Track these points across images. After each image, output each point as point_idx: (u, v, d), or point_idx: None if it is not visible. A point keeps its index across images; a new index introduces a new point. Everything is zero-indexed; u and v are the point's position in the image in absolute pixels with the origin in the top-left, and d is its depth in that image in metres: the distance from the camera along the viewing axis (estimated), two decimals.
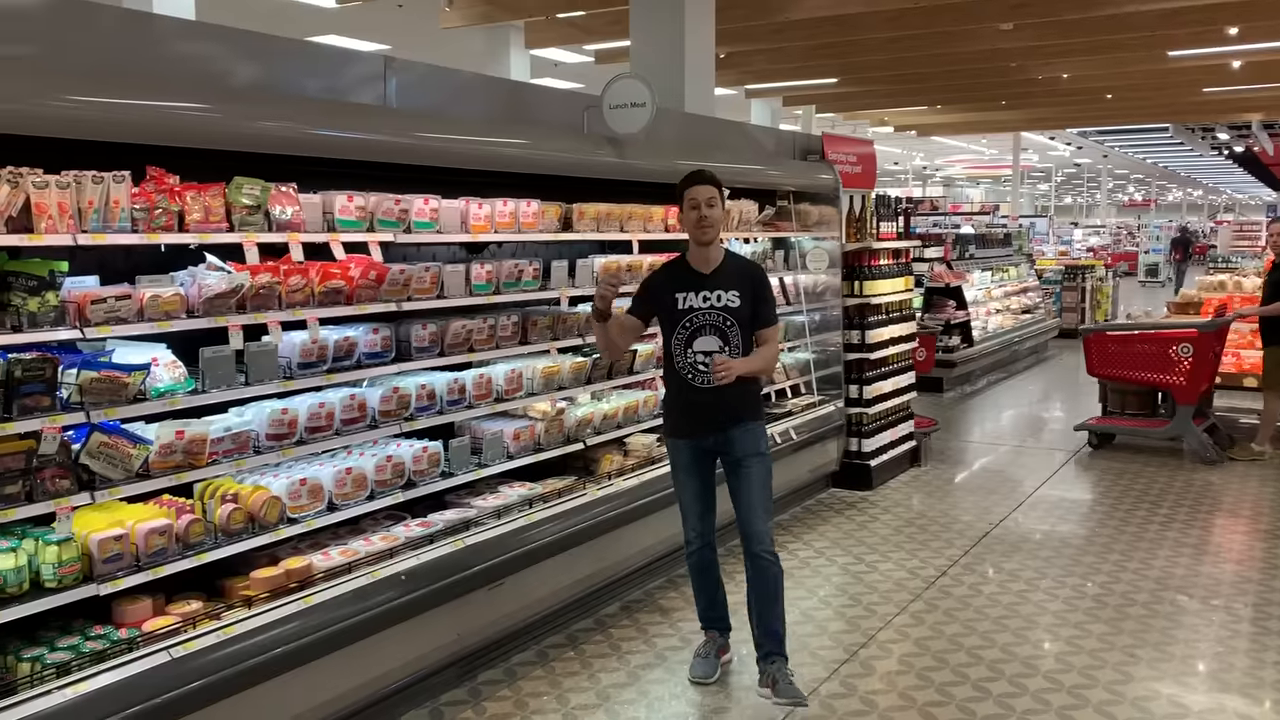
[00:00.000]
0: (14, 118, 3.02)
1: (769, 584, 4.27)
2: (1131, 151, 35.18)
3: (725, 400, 4.26)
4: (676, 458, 4.45)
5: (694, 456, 4.39)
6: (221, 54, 3.93)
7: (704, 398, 4.27)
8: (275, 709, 3.57)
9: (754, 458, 4.32)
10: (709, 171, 4.32)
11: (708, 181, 4.27)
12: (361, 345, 4.20)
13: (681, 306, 4.26)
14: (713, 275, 4.30)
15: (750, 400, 4.40)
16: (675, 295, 4.28)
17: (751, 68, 14.79)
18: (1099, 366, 9.05)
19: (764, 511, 4.30)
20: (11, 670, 3.18)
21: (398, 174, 4.45)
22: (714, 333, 4.25)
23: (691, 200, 4.23)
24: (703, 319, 4.25)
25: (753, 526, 4.27)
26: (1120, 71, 15.48)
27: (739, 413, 4.32)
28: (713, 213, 4.23)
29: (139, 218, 3.40)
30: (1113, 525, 6.76)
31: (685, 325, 4.26)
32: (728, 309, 4.25)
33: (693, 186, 4.26)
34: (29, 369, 3.12)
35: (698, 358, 4.25)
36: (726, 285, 4.27)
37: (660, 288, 4.36)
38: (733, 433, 4.31)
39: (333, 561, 4.01)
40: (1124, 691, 4.38)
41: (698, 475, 4.41)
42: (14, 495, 3.12)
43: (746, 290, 4.28)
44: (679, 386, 4.35)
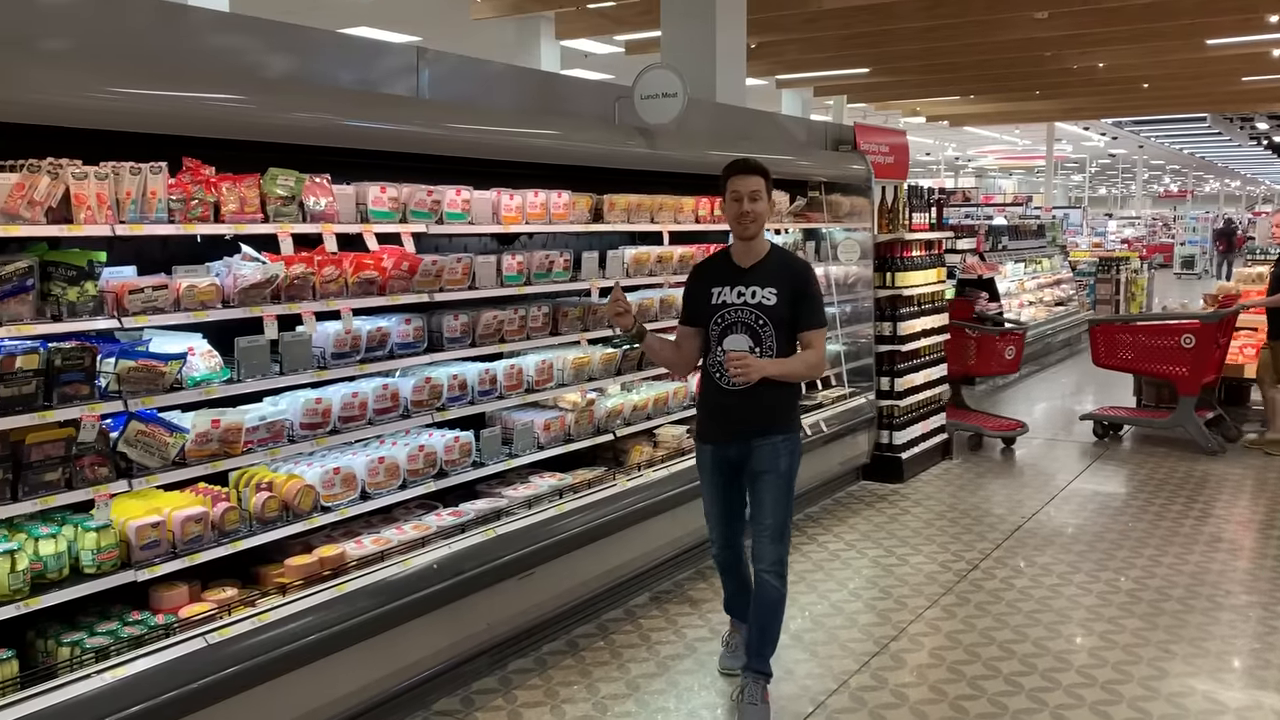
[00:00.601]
0: (54, 110, 3.06)
1: (764, 604, 4.07)
2: (1168, 142, 34.72)
3: (751, 406, 4.01)
4: (701, 461, 4.26)
5: (716, 463, 4.16)
6: (256, 46, 3.96)
7: (729, 400, 4.03)
8: (310, 695, 3.61)
9: (770, 474, 4.02)
10: (756, 160, 4.03)
11: (754, 171, 3.98)
12: (394, 335, 4.22)
13: (715, 301, 4.02)
14: (751, 270, 4.03)
15: (779, 410, 4.09)
16: (711, 289, 4.05)
17: (783, 58, 14.73)
18: (1104, 357, 9.07)
19: (774, 533, 4.03)
20: (52, 654, 3.23)
21: (429, 165, 4.46)
22: (745, 331, 3.98)
23: (735, 192, 3.97)
24: (734, 315, 3.99)
25: (758, 547, 4.06)
26: (1157, 60, 15.29)
27: (764, 422, 4.04)
28: (756, 207, 3.95)
29: (175, 208, 3.44)
30: (1147, 519, 6.69)
31: (717, 321, 4.02)
32: (761, 306, 3.96)
33: (737, 176, 3.98)
34: (68, 358, 3.16)
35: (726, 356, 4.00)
36: (764, 282, 3.99)
37: (698, 281, 4.15)
38: (754, 444, 4.04)
39: (366, 550, 4.04)
40: (1159, 687, 4.33)
41: (719, 484, 4.19)
42: (54, 482, 3.16)
43: (785, 288, 3.97)
44: (707, 386, 4.15)
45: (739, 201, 3.96)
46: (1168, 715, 4.10)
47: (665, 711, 4.15)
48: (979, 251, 13.35)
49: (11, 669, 3.05)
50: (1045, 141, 30.10)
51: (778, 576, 4.04)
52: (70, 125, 3.13)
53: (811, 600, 5.29)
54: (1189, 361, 8.52)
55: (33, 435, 3.10)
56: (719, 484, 4.20)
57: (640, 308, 5.49)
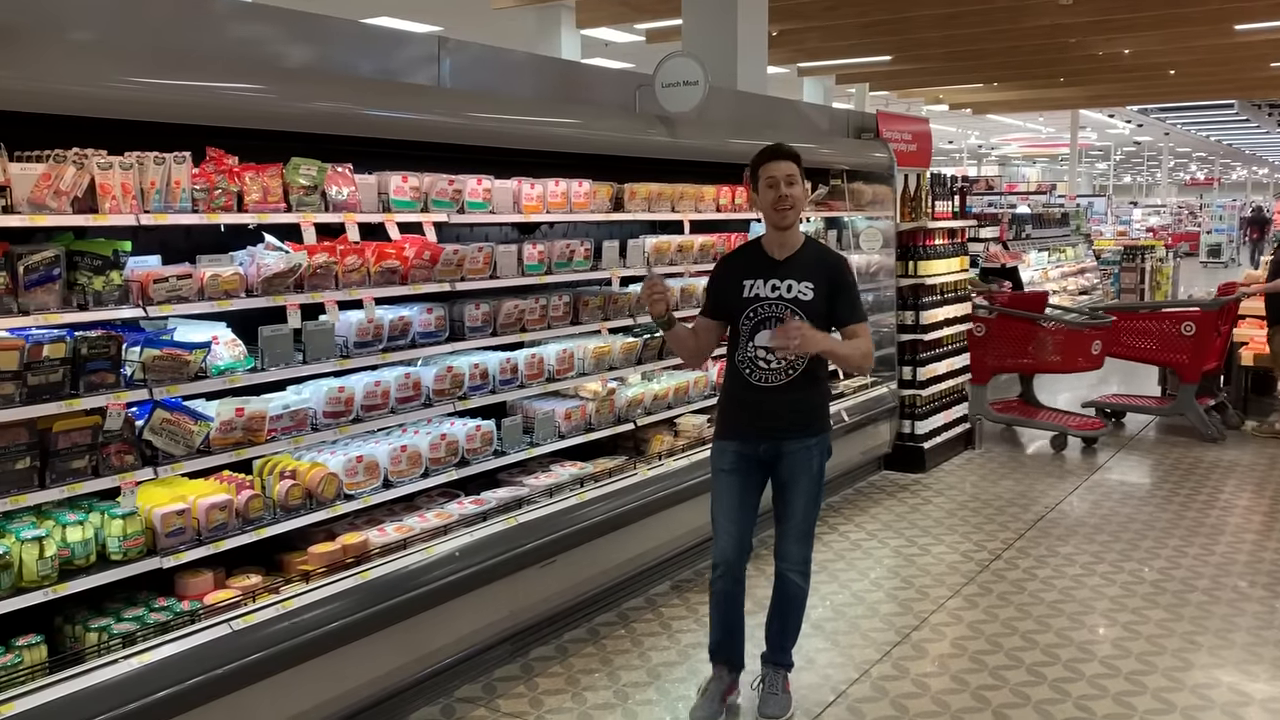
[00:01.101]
0: (79, 100, 3.08)
1: (787, 599, 3.98)
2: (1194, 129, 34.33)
3: (785, 404, 3.83)
4: (719, 461, 3.97)
5: (738, 463, 3.92)
6: (278, 36, 3.97)
7: (761, 398, 3.84)
8: (333, 681, 3.63)
9: (804, 478, 3.88)
10: (789, 146, 3.85)
11: (788, 156, 3.80)
12: (416, 325, 4.24)
13: (747, 294, 3.83)
14: (786, 263, 3.84)
15: (815, 409, 3.94)
16: (742, 282, 3.85)
17: (804, 45, 14.65)
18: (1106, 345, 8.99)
19: (803, 534, 3.94)
20: (80, 639, 3.26)
21: (450, 154, 4.47)
22: (779, 326, 3.77)
23: (770, 178, 3.78)
24: (768, 310, 3.79)
25: (785, 545, 3.95)
26: (1184, 46, 15.11)
27: (798, 422, 3.86)
28: (793, 192, 3.77)
29: (199, 198, 3.46)
30: (1172, 509, 6.64)
31: (749, 316, 3.82)
32: (798, 302, 3.77)
33: (771, 162, 3.79)
34: (94, 346, 3.19)
35: (758, 352, 3.82)
36: (800, 275, 3.80)
37: (728, 273, 3.96)
38: (787, 446, 3.86)
39: (388, 537, 4.07)
40: (1184, 678, 4.31)
41: (738, 486, 3.92)
42: (81, 469, 3.19)
43: (822, 283, 3.80)
44: (735, 383, 3.92)
45: (774, 188, 3.77)
46: (1192, 706, 4.07)
47: (686, 700, 4.16)
48: (1002, 240, 13.25)
49: (40, 654, 3.09)
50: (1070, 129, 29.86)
51: (803, 575, 3.96)
52: (95, 115, 3.15)
53: (833, 590, 5.29)
54: (1189, 349, 8.54)
55: (60, 423, 3.13)
56: (739, 485, 3.94)
57: None
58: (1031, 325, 8.46)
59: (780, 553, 3.97)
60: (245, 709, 3.35)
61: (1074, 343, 8.38)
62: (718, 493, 3.97)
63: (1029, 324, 8.46)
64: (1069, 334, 8.44)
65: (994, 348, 8.49)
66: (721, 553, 3.93)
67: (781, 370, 3.81)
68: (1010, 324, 8.48)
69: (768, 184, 3.79)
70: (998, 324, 8.48)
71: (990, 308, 8.62)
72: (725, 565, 3.93)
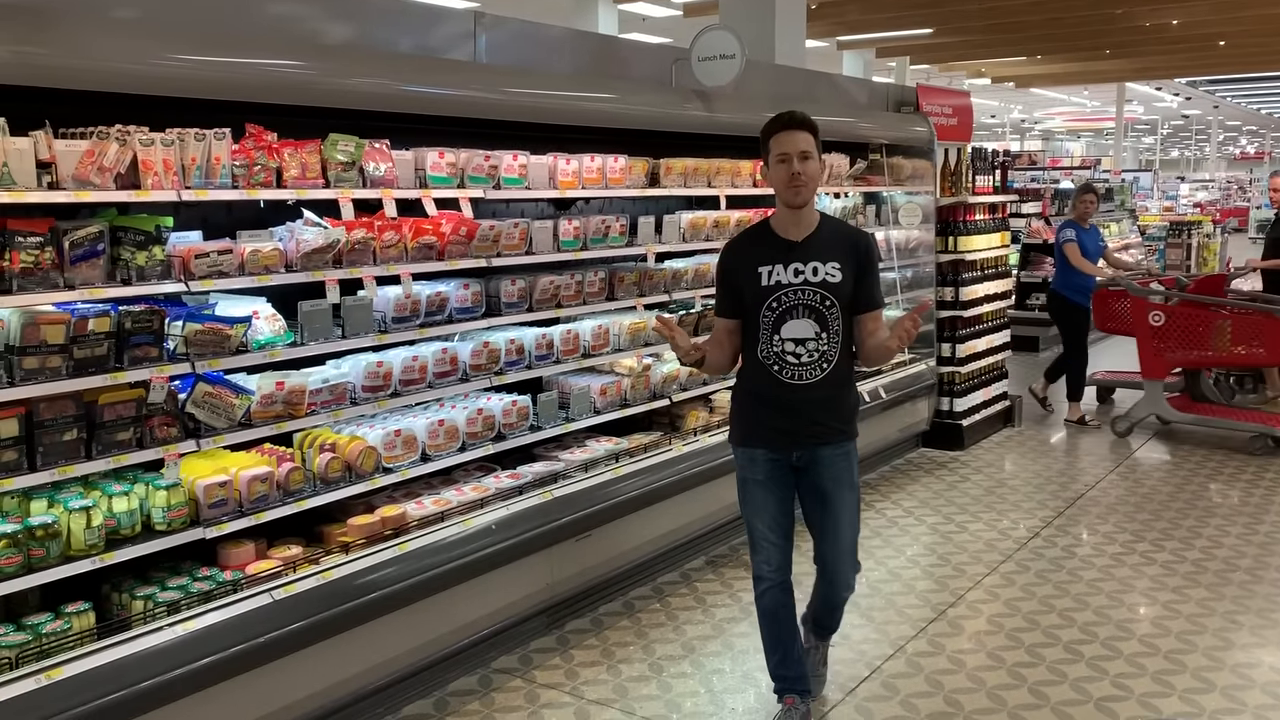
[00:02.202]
0: (123, 77, 3.12)
1: (833, 604, 3.79)
2: (1245, 102, 33.58)
3: (822, 405, 3.47)
4: (750, 471, 3.58)
5: (773, 472, 3.55)
6: (316, 13, 3.99)
7: (793, 397, 3.45)
8: (372, 651, 3.69)
9: (846, 489, 3.54)
10: (802, 114, 3.41)
11: (801, 126, 3.37)
12: (453, 300, 4.27)
13: (766, 282, 3.42)
14: (805, 244, 3.44)
15: (848, 410, 3.59)
16: (758, 269, 3.44)
17: (844, 19, 14.49)
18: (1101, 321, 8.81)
19: (851, 551, 3.62)
20: (126, 607, 3.34)
21: (486, 129, 4.48)
22: (808, 315, 3.40)
23: (780, 152, 3.37)
24: (794, 298, 3.40)
25: (838, 572, 3.63)
26: (1234, 16, 14.77)
27: (833, 425, 3.51)
28: (808, 167, 3.36)
29: (239, 174, 3.50)
30: (1215, 489, 6.55)
31: (772, 306, 3.41)
32: (826, 285, 3.40)
33: (782, 133, 3.37)
34: (138, 321, 3.24)
35: (785, 346, 3.42)
36: (824, 255, 3.42)
37: (740, 261, 3.52)
38: (822, 452, 3.51)
39: (426, 510, 4.11)
40: (1224, 658, 4.26)
41: (776, 497, 3.56)
42: (126, 441, 3.26)
43: (849, 262, 3.43)
44: (760, 381, 3.51)
45: (786, 163, 3.37)
46: (1232, 686, 4.03)
47: (720, 673, 4.18)
48: (1044, 216, 13.08)
49: (89, 620, 3.17)
50: (1115, 103, 29.28)
51: (849, 589, 3.72)
52: (138, 92, 3.19)
53: (870, 567, 5.28)
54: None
55: (105, 396, 3.20)
56: (776, 495, 3.56)
57: (696, 273, 5.47)
58: (1204, 311, 7.57)
59: (828, 575, 3.67)
60: (287, 676, 3.41)
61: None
62: (754, 504, 3.60)
63: (1201, 309, 7.59)
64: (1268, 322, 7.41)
65: (1175, 339, 7.61)
66: (766, 564, 3.59)
67: (815, 364, 3.44)
68: (1194, 312, 7.59)
69: (778, 158, 3.39)
70: (1179, 312, 7.60)
71: (1169, 292, 7.86)
72: (772, 577, 3.60)
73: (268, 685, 3.37)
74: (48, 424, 3.08)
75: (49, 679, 2.88)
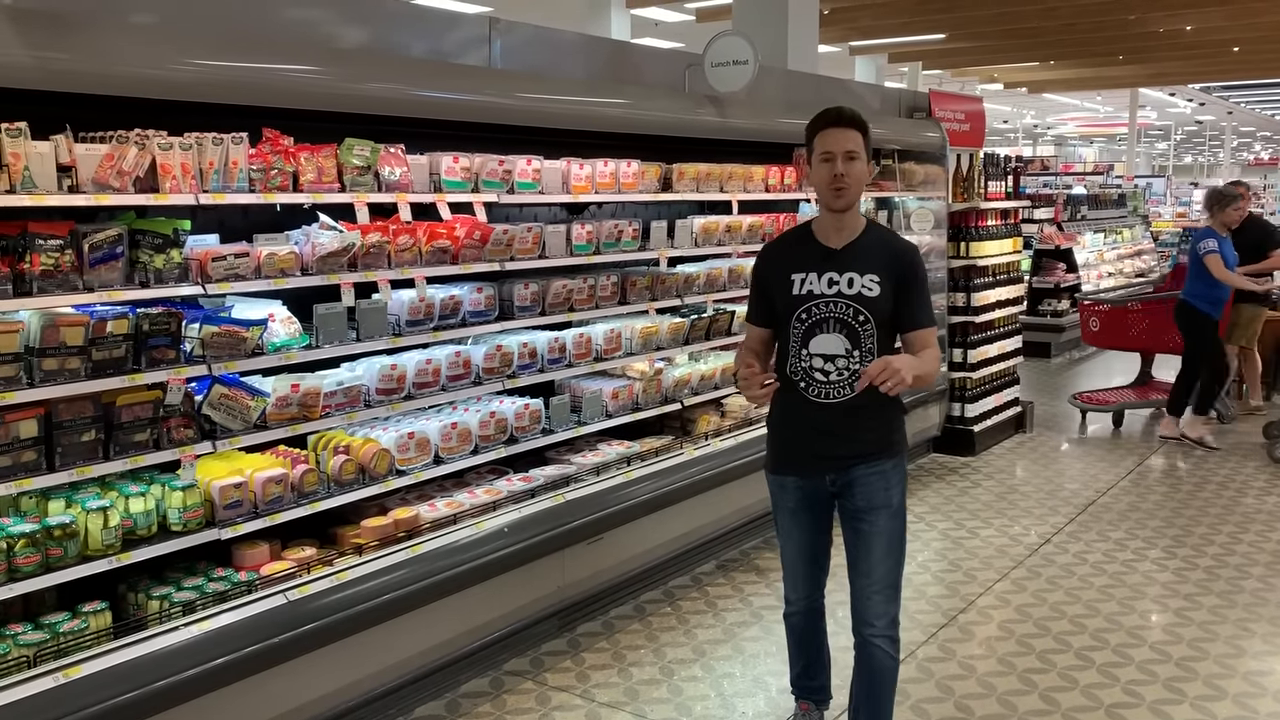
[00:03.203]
0: (143, 82, 3.15)
1: (878, 678, 3.24)
2: (1259, 108, 33.45)
3: (855, 424, 3.18)
4: (780, 499, 3.37)
5: (804, 500, 3.30)
6: (331, 18, 4.03)
7: (825, 418, 3.17)
8: (385, 652, 3.71)
9: (881, 511, 3.19)
10: (852, 110, 3.15)
11: (849, 124, 3.11)
12: (466, 304, 4.29)
13: (798, 291, 3.16)
14: (845, 251, 3.16)
15: (891, 427, 3.27)
16: (792, 275, 3.17)
17: (856, 24, 14.49)
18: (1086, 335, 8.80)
19: (887, 587, 3.20)
20: (142, 607, 3.37)
21: (500, 134, 4.50)
22: (839, 329, 3.12)
23: (825, 151, 3.10)
24: (824, 310, 3.13)
25: (869, 605, 3.21)
26: (1249, 22, 14.72)
27: (873, 444, 3.20)
28: (853, 168, 3.09)
29: (256, 178, 3.53)
30: (1227, 497, 6.54)
31: (801, 317, 3.15)
32: (861, 299, 3.11)
33: (828, 130, 3.11)
34: (155, 323, 3.27)
35: (814, 362, 3.15)
36: (862, 266, 3.13)
37: (773, 265, 3.27)
38: (857, 472, 3.19)
39: (439, 513, 4.14)
40: (1235, 665, 4.25)
41: (808, 526, 3.33)
42: (143, 443, 3.29)
43: (890, 276, 3.13)
44: (789, 399, 3.24)
45: (830, 162, 3.09)
46: (1244, 694, 4.02)
47: (731, 677, 4.19)
48: (1057, 221, 13.06)
49: (105, 620, 3.20)
50: (1128, 108, 29.19)
51: (892, 642, 3.22)
52: (157, 97, 3.22)
53: None
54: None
55: (123, 397, 3.23)
56: (808, 527, 3.34)
57: (708, 278, 5.49)
58: None
59: (861, 613, 3.23)
60: (301, 677, 3.44)
61: None
62: (785, 533, 3.41)
63: None
64: None
65: None
66: (793, 590, 3.46)
67: (846, 381, 3.14)
68: None
69: (822, 156, 3.11)
70: None
71: None
72: (798, 603, 3.46)
73: (281, 686, 3.39)
74: (66, 425, 3.12)
75: (66, 677, 2.91)
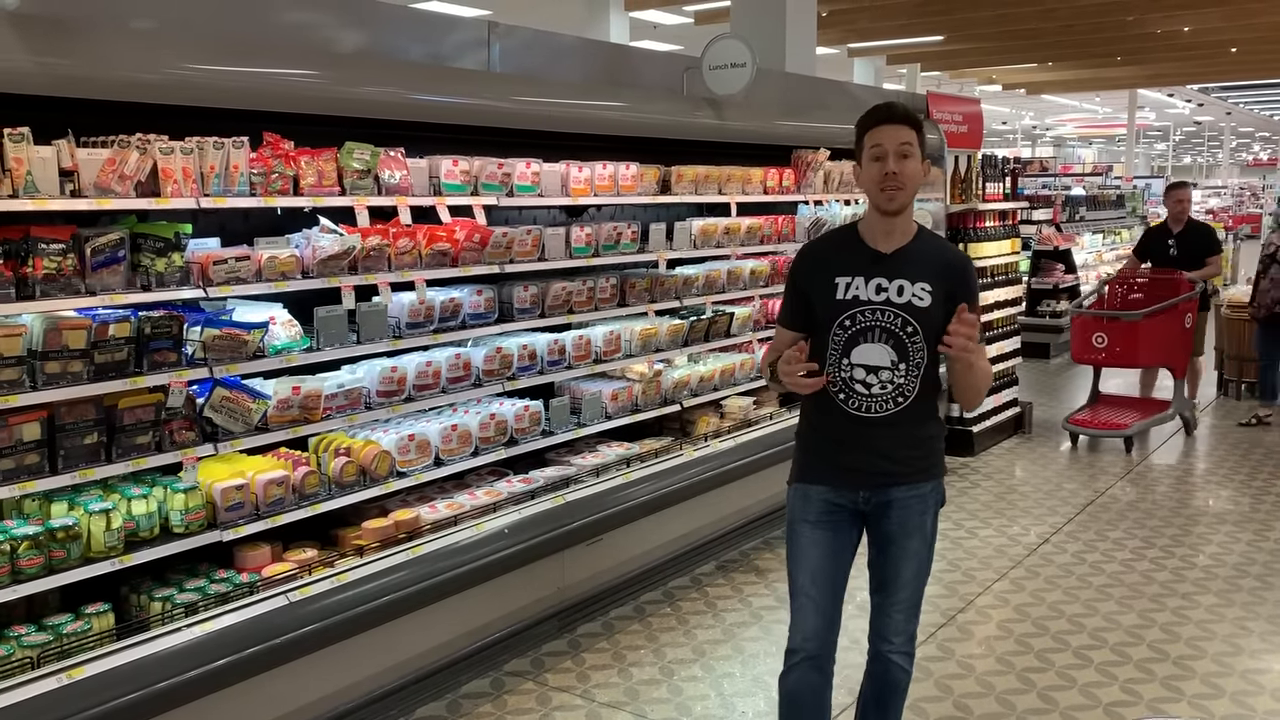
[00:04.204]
0: (144, 87, 3.18)
1: (890, 689, 3.10)
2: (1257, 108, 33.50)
3: (895, 437, 2.96)
4: (801, 511, 3.05)
5: (828, 513, 3.02)
6: (331, 21, 4.05)
7: (863, 430, 2.93)
8: (386, 653, 3.73)
9: (916, 535, 3.01)
10: (904, 105, 2.94)
11: (902, 120, 2.89)
12: (466, 306, 4.31)
13: (843, 295, 2.93)
14: (895, 257, 2.94)
15: (932, 445, 3.06)
16: (836, 279, 2.95)
17: (854, 26, 14.51)
18: None
19: (911, 606, 3.06)
20: (145, 608, 3.38)
21: (499, 137, 4.52)
22: (886, 339, 2.90)
23: (876, 147, 2.89)
24: (871, 318, 2.91)
25: (890, 622, 3.05)
26: (1246, 23, 14.75)
27: (912, 462, 2.99)
28: (906, 166, 2.87)
29: (256, 182, 3.55)
30: (1225, 496, 6.56)
31: (844, 324, 2.92)
32: (911, 309, 2.89)
33: (879, 127, 2.90)
34: (157, 326, 3.29)
35: (855, 373, 2.92)
36: (914, 274, 2.91)
37: (816, 268, 3.02)
38: (895, 494, 2.98)
39: (439, 514, 4.15)
40: (1233, 664, 4.27)
41: (828, 544, 3.02)
42: (145, 445, 3.30)
43: (942, 286, 2.91)
44: (825, 412, 2.99)
45: (882, 160, 2.88)
46: (1242, 691, 4.04)
47: (730, 676, 4.21)
48: (1055, 222, 13.09)
49: (108, 621, 3.22)
50: (1127, 109, 29.25)
51: (908, 657, 3.08)
52: (158, 102, 3.25)
53: None
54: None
55: (125, 400, 3.25)
56: (828, 546, 3.02)
57: (707, 279, 5.51)
58: None
59: (880, 629, 3.08)
60: (302, 678, 3.46)
61: None
62: (798, 551, 3.05)
63: None
64: None
65: None
66: (802, 631, 3.01)
67: (889, 396, 2.93)
68: None
69: (873, 154, 2.90)
70: None
71: None
72: (803, 648, 3.01)
73: (283, 686, 3.41)
74: (69, 427, 3.13)
75: (70, 678, 2.93)
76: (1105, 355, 7.82)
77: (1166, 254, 8.09)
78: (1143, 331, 7.64)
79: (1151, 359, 7.97)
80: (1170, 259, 8.04)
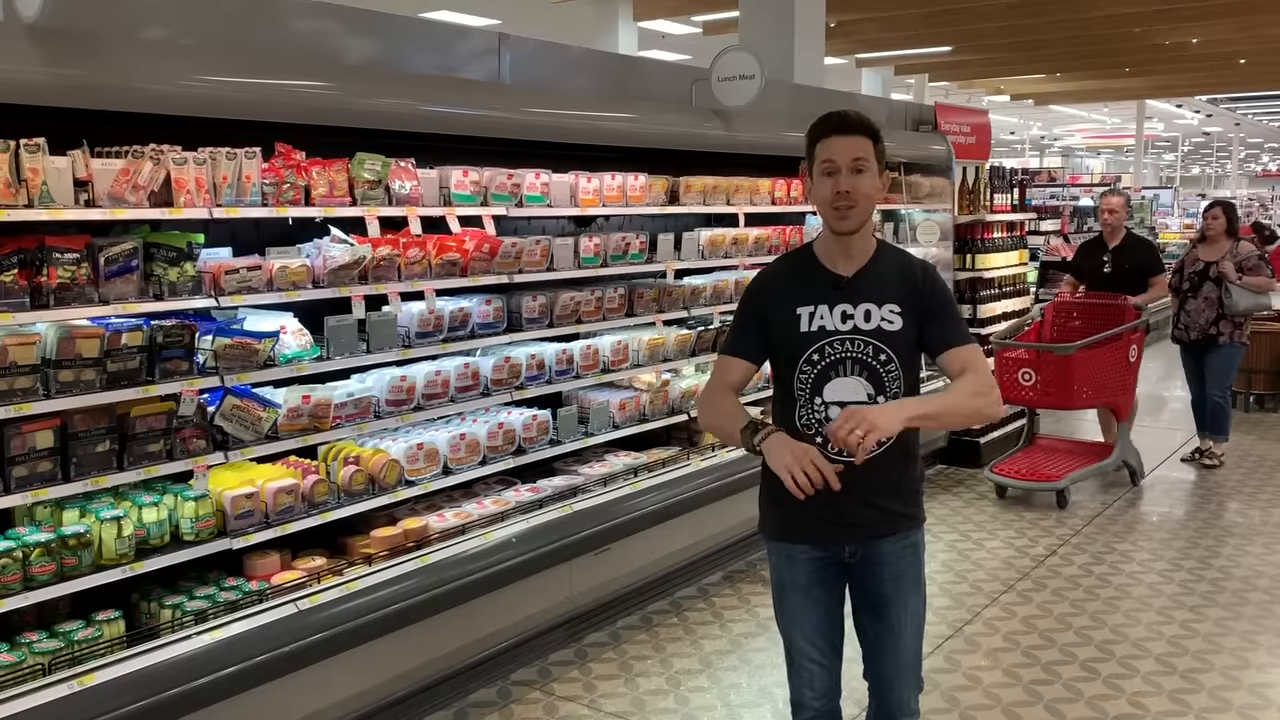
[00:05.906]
0: (159, 98, 3.21)
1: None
2: (1266, 119, 33.45)
3: (876, 484, 2.66)
4: (789, 574, 2.82)
5: (818, 574, 2.78)
6: (341, 32, 4.08)
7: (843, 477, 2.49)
8: (394, 661, 3.75)
9: (910, 591, 2.75)
10: (858, 114, 2.63)
11: (856, 129, 2.59)
12: (475, 316, 4.33)
13: (808, 327, 2.65)
14: (857, 279, 2.67)
15: (915, 489, 2.78)
16: (797, 309, 2.67)
17: (863, 36, 14.53)
18: None
19: (914, 671, 2.82)
20: (155, 616, 3.40)
21: (509, 148, 4.55)
22: (860, 372, 2.63)
23: (828, 162, 2.59)
24: (841, 349, 2.63)
25: (897, 694, 2.82)
26: (1255, 35, 14.74)
27: (894, 510, 2.71)
28: (859, 183, 2.57)
29: (268, 192, 3.57)
30: (1233, 509, 6.54)
31: (812, 359, 2.65)
32: (882, 333, 2.63)
33: (830, 138, 2.59)
34: (169, 335, 3.32)
35: (830, 412, 2.63)
36: (879, 296, 2.65)
37: (773, 297, 2.74)
38: (883, 546, 2.72)
39: (447, 523, 4.17)
40: (1241, 677, 4.26)
41: (821, 607, 2.79)
42: (156, 453, 3.33)
43: (910, 303, 2.65)
44: None
45: (833, 175, 2.59)
46: (1250, 705, 4.03)
47: (737, 687, 4.21)
48: (1063, 233, 13.09)
49: (119, 628, 3.24)
50: (1135, 120, 29.22)
51: (916, 712, 2.87)
52: (171, 112, 3.27)
53: None
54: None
55: (137, 408, 3.27)
56: (823, 605, 2.80)
57: (715, 289, 5.53)
58: None
59: (882, 698, 2.85)
60: (310, 686, 3.47)
61: None
62: (791, 614, 2.84)
63: None
64: None
65: None
66: (808, 688, 2.83)
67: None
68: None
69: (824, 168, 2.60)
70: None
71: None
72: (815, 705, 2.84)
73: (291, 695, 3.42)
74: (81, 435, 3.16)
75: (81, 685, 2.95)
76: (1034, 394, 6.61)
77: (1100, 271, 7.19)
78: (1078, 366, 6.43)
79: (1089, 399, 6.76)
80: (1104, 277, 7.14)
